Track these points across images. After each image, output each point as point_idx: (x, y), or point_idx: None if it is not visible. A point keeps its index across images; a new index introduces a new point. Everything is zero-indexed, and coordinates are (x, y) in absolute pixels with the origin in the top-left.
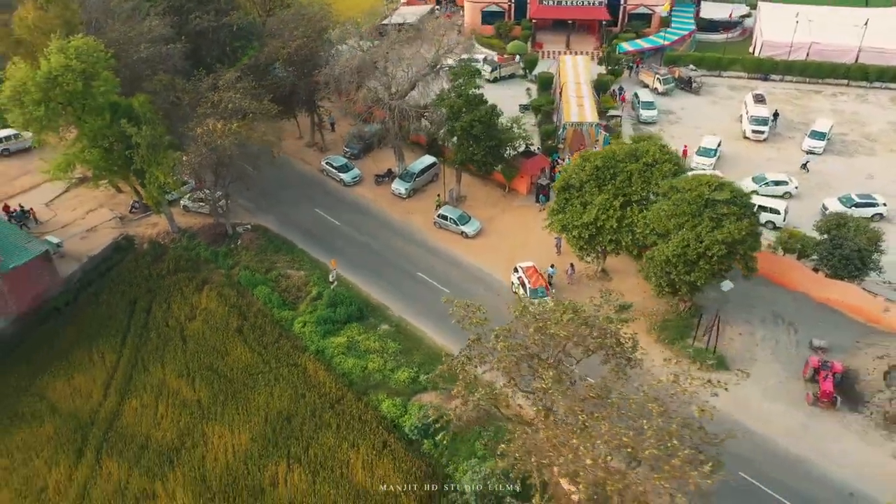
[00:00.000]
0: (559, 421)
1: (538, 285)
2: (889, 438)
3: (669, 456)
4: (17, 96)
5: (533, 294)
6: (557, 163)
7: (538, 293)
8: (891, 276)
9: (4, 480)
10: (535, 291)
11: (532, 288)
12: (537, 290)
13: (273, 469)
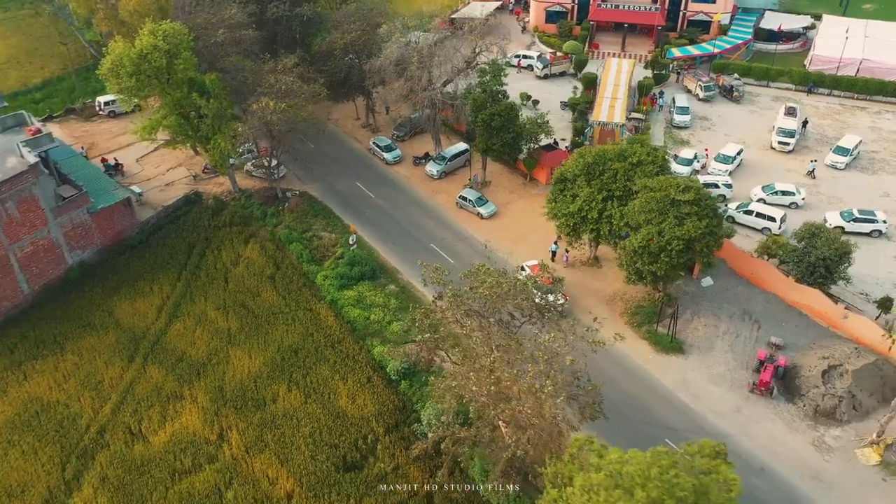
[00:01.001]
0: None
1: (545, 283)
2: (813, 429)
3: (539, 391)
4: (115, 69)
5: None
6: None
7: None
8: (887, 289)
9: (73, 372)
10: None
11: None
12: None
13: (276, 389)
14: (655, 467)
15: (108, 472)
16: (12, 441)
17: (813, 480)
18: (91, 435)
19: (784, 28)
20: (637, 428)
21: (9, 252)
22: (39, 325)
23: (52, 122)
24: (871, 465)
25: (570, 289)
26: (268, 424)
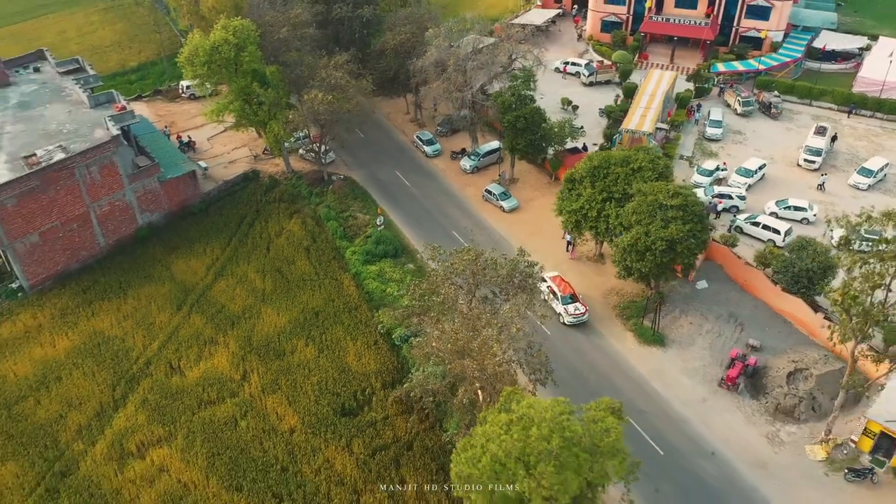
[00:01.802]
0: (442, 325)
1: (567, 292)
2: (770, 424)
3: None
4: (191, 58)
5: (564, 301)
6: None
7: (569, 299)
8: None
9: (131, 314)
10: (566, 298)
11: (563, 295)
12: (567, 296)
13: (295, 343)
14: (551, 412)
15: (149, 395)
16: (76, 364)
17: (758, 469)
18: (139, 365)
19: (830, 48)
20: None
21: (90, 209)
22: (109, 273)
23: (141, 101)
24: (816, 461)
25: (573, 280)
26: (283, 371)
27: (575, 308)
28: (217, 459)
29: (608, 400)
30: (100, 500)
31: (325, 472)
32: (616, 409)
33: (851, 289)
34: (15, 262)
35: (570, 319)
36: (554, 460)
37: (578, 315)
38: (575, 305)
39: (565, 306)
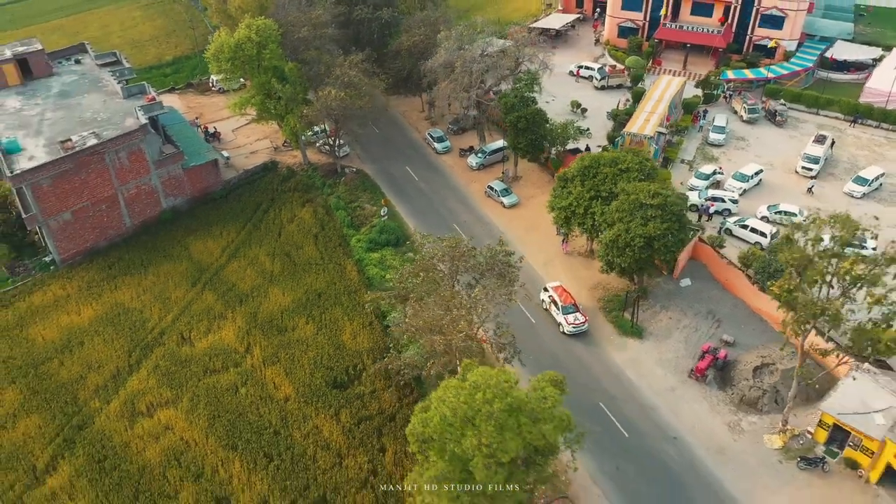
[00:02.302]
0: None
1: (568, 302)
2: (734, 414)
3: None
4: (216, 54)
5: (564, 310)
6: None
7: (569, 309)
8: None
9: (150, 289)
10: (567, 308)
11: (563, 305)
12: (568, 306)
13: (296, 320)
14: (496, 379)
15: (160, 362)
16: (98, 331)
17: (717, 454)
18: (153, 335)
19: (842, 58)
20: (580, 391)
21: (118, 191)
22: (133, 251)
23: (174, 93)
24: (773, 449)
25: (563, 273)
26: (283, 346)
27: (574, 318)
28: (217, 421)
29: (552, 373)
30: (110, 451)
31: (312, 437)
32: (557, 381)
33: (787, 283)
34: (49, 237)
35: (570, 329)
36: (494, 421)
37: (578, 325)
38: (575, 315)
39: (565, 316)
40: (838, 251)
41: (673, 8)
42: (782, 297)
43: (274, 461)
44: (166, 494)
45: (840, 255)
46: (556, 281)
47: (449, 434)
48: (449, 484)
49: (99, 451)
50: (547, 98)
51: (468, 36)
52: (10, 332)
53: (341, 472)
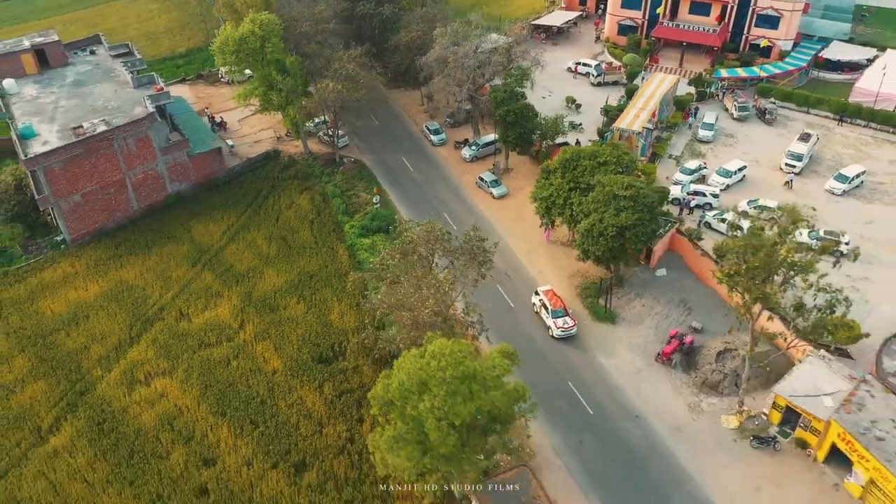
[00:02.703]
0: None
1: (558, 307)
2: (695, 395)
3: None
4: (222, 47)
5: (554, 314)
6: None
7: (559, 313)
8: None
9: (153, 268)
10: (556, 312)
11: (553, 309)
12: (558, 311)
13: (288, 300)
14: (451, 349)
15: (159, 335)
16: (103, 306)
17: (675, 432)
18: (154, 310)
19: (835, 58)
20: (550, 368)
21: (126, 176)
22: (138, 233)
23: (185, 83)
24: (729, 429)
25: (543, 261)
26: (275, 323)
27: (563, 322)
28: (209, 390)
29: (505, 345)
30: (109, 415)
31: (296, 407)
32: (509, 353)
33: (730, 268)
34: (60, 218)
35: (559, 333)
36: (447, 387)
37: (567, 328)
38: (564, 319)
39: (554, 320)
40: (778, 240)
41: (672, 7)
42: (724, 281)
43: (259, 427)
44: (158, 455)
45: (780, 243)
46: (547, 285)
47: (407, 398)
48: (406, 443)
49: (99, 414)
50: (544, 93)
51: (462, 32)
52: (21, 305)
53: (321, 439)
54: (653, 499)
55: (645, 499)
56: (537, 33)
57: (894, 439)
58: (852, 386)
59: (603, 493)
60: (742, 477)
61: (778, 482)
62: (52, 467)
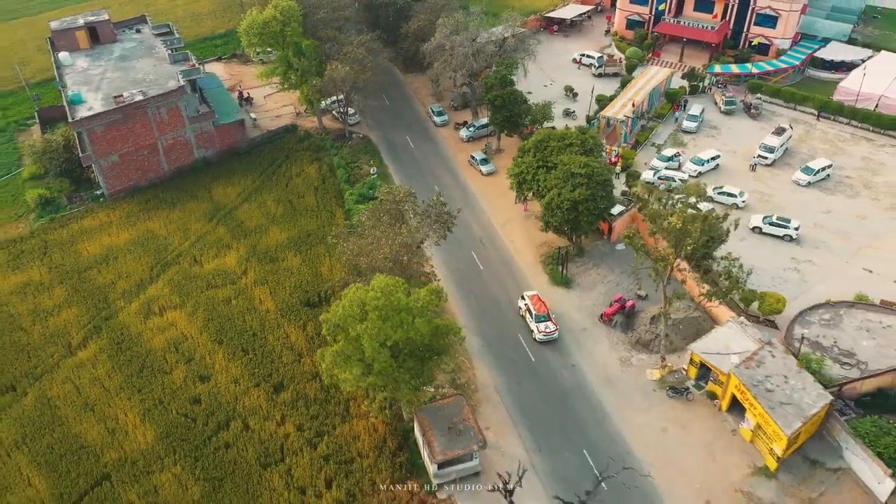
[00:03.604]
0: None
1: (541, 311)
2: (628, 352)
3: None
4: (247, 30)
5: (537, 319)
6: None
7: (542, 318)
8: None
9: (175, 221)
10: (539, 316)
11: (536, 314)
12: (541, 315)
13: (287, 253)
14: (385, 283)
15: (174, 277)
16: (130, 250)
17: (605, 380)
18: (172, 256)
19: (825, 57)
20: (504, 322)
21: (158, 141)
22: (166, 191)
23: (220, 62)
24: (651, 381)
25: (516, 232)
26: (273, 272)
27: (546, 327)
28: (210, 323)
29: (433, 285)
30: (126, 338)
31: (281, 340)
32: (436, 291)
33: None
34: (100, 174)
35: (541, 337)
36: (379, 312)
37: (549, 333)
38: (546, 324)
39: (537, 324)
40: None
41: (678, 3)
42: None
43: (248, 354)
44: (163, 371)
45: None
46: (532, 290)
47: (349, 322)
48: (347, 359)
49: (118, 336)
50: (546, 82)
51: (463, 22)
52: (63, 246)
53: (298, 367)
54: (572, 432)
55: (564, 431)
56: (551, 25)
57: (782, 391)
58: (757, 346)
59: (529, 424)
60: (653, 419)
61: (684, 425)
62: (77, 375)
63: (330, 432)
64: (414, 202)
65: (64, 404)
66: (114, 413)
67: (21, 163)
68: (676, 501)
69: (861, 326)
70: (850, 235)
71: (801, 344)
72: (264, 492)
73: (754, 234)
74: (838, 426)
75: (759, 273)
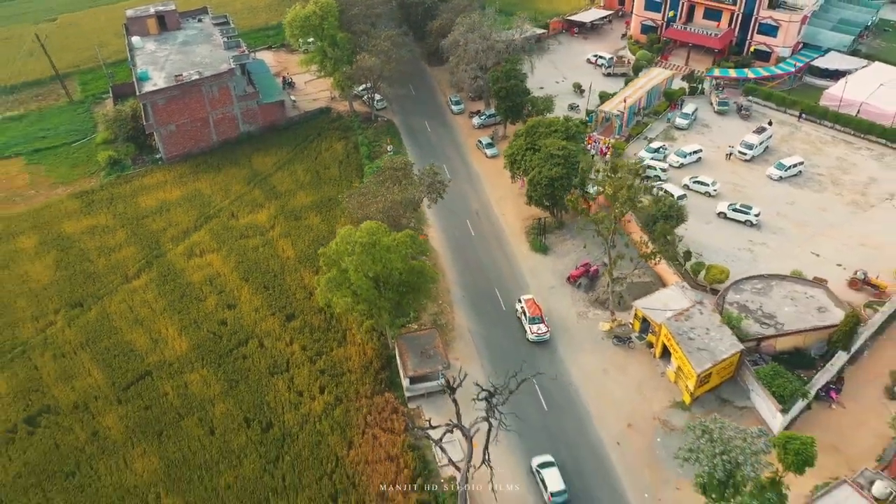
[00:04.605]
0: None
1: (535, 314)
2: (585, 307)
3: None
4: (291, 23)
5: (531, 321)
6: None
7: (535, 320)
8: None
9: (219, 183)
10: (533, 319)
11: (531, 316)
12: (535, 318)
13: (309, 214)
14: (370, 226)
15: (214, 227)
16: (180, 204)
17: (561, 329)
18: (213, 211)
19: (821, 66)
20: (485, 278)
21: (209, 115)
22: (213, 158)
23: (270, 50)
24: (602, 332)
25: (508, 206)
26: (296, 227)
27: (538, 328)
28: (240, 265)
29: (410, 231)
30: (172, 272)
31: (297, 281)
32: (412, 236)
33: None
34: (159, 141)
35: (533, 338)
36: (361, 248)
37: (540, 334)
38: (538, 326)
39: (530, 325)
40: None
41: (689, 11)
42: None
43: (269, 290)
44: (199, 299)
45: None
46: (528, 294)
47: (341, 255)
48: (338, 286)
49: (165, 271)
50: (558, 79)
51: (478, 22)
52: (126, 199)
53: (308, 303)
54: (527, 366)
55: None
56: (572, 28)
57: (701, 340)
58: (690, 305)
59: (492, 357)
60: (598, 362)
61: (622, 367)
62: (130, 298)
63: (327, 353)
64: (411, 170)
65: (119, 319)
66: (157, 328)
67: (95, 129)
68: (605, 422)
69: (787, 296)
70: (808, 224)
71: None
72: (270, 392)
73: (719, 219)
74: (746, 371)
75: (717, 251)
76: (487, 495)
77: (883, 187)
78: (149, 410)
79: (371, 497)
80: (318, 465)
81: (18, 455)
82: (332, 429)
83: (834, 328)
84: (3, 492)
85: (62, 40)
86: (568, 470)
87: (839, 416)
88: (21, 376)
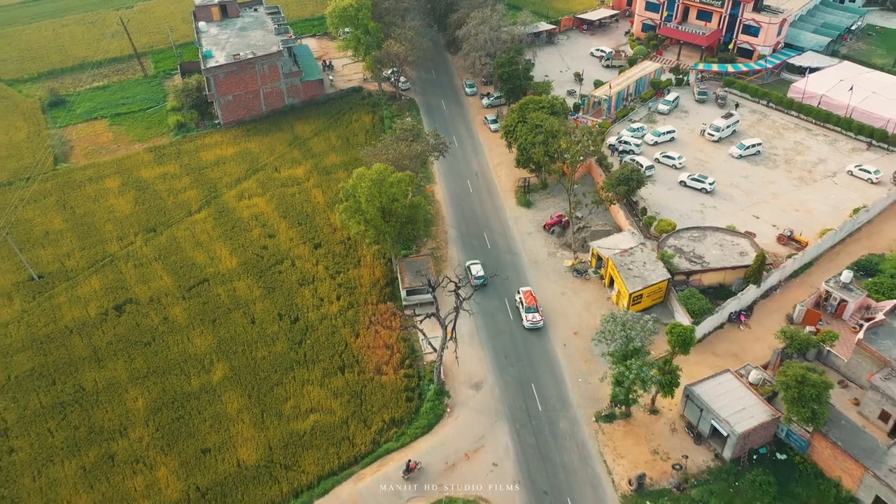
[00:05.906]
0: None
1: (531, 304)
2: (554, 248)
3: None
4: (331, 13)
5: (527, 310)
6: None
7: (531, 309)
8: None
9: (266, 144)
10: (529, 308)
11: (527, 306)
12: (531, 307)
13: (338, 170)
14: (379, 168)
15: (260, 177)
16: (233, 159)
17: (533, 263)
18: (260, 165)
19: (795, 63)
20: (477, 225)
21: (260, 89)
22: (262, 125)
23: (314, 37)
24: (565, 266)
25: (503, 170)
26: (327, 180)
27: (533, 317)
28: (279, 206)
29: (410, 173)
30: (225, 210)
31: (324, 220)
32: (411, 176)
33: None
34: (218, 109)
35: (528, 325)
36: (370, 183)
37: (535, 322)
38: (534, 315)
39: (527, 314)
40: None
41: (683, 12)
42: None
43: (302, 225)
44: (247, 230)
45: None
46: (527, 286)
47: (356, 189)
48: (353, 213)
49: (221, 208)
50: (563, 68)
51: (489, 16)
52: (190, 154)
53: (333, 236)
54: (502, 290)
55: (497, 290)
56: (581, 25)
57: (638, 271)
58: (635, 245)
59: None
60: (558, 288)
61: (576, 292)
62: (193, 227)
63: (345, 272)
64: (418, 132)
65: (184, 241)
66: (213, 249)
67: (166, 99)
68: (557, 331)
69: (717, 243)
70: (755, 193)
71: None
72: (298, 297)
73: (680, 187)
74: (671, 295)
75: (672, 211)
76: (453, 365)
77: (829, 167)
78: (206, 305)
79: (370, 370)
80: (332, 347)
81: (111, 329)
82: (344, 324)
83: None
84: (100, 352)
85: (138, 24)
86: (524, 363)
87: (745, 334)
88: (110, 278)
